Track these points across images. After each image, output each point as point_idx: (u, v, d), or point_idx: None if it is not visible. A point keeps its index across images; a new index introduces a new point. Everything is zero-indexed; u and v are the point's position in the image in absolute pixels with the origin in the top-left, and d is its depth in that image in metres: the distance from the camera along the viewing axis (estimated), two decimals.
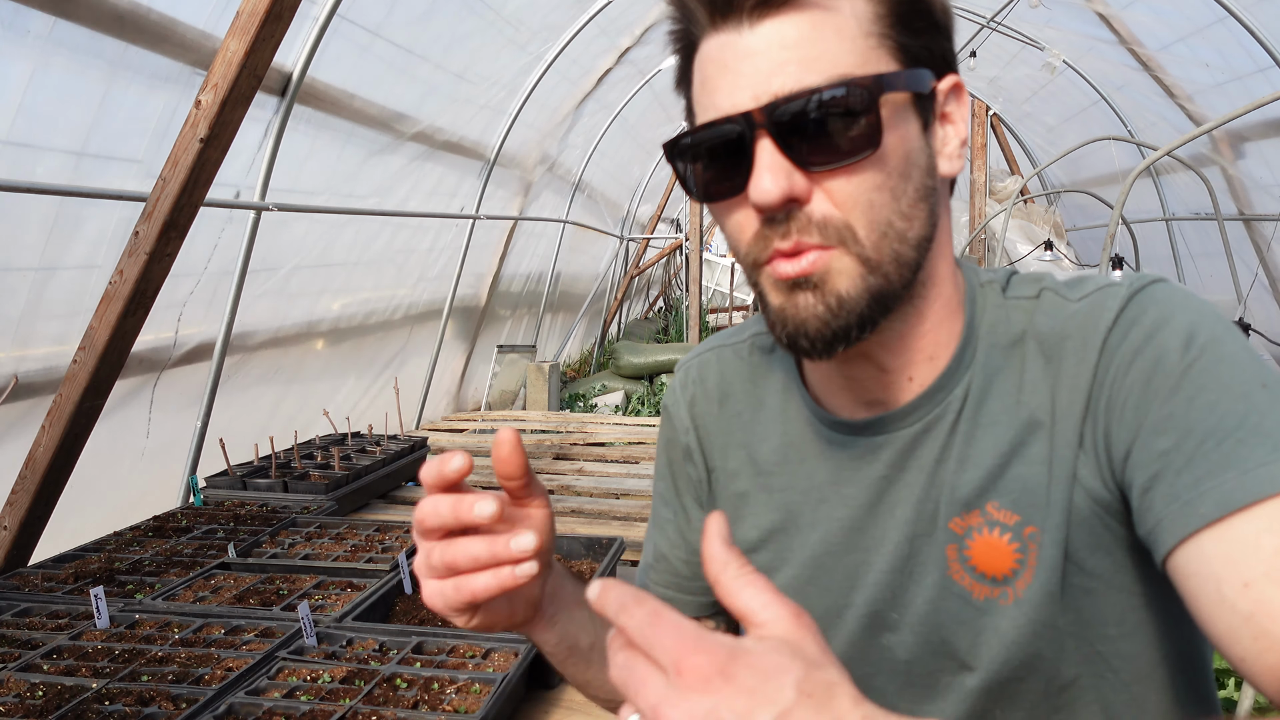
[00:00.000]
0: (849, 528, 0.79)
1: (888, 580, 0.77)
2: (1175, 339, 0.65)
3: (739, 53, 0.65)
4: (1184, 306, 0.67)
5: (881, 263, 0.67)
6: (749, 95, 0.64)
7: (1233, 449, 0.59)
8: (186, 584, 2.17)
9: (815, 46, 0.64)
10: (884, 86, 0.64)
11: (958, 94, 0.71)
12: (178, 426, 3.27)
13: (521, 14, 4.77)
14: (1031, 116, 8.50)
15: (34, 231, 2.53)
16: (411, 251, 4.94)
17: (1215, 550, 0.58)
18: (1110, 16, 5.49)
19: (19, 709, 1.55)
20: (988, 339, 0.74)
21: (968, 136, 0.73)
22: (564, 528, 3.03)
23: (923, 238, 0.69)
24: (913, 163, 0.67)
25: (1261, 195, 5.30)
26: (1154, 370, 0.65)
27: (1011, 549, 0.71)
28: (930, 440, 0.75)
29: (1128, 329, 0.67)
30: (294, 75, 3.29)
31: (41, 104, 2.41)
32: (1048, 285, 0.75)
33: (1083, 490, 0.69)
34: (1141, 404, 0.65)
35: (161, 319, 2.99)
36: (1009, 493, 0.71)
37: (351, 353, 4.57)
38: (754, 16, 0.64)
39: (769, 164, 0.64)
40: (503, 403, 6.51)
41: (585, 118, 6.89)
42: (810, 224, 0.65)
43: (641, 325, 11.18)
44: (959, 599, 0.74)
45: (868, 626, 0.79)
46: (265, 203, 3.30)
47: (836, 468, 0.79)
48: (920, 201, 0.68)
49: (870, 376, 0.75)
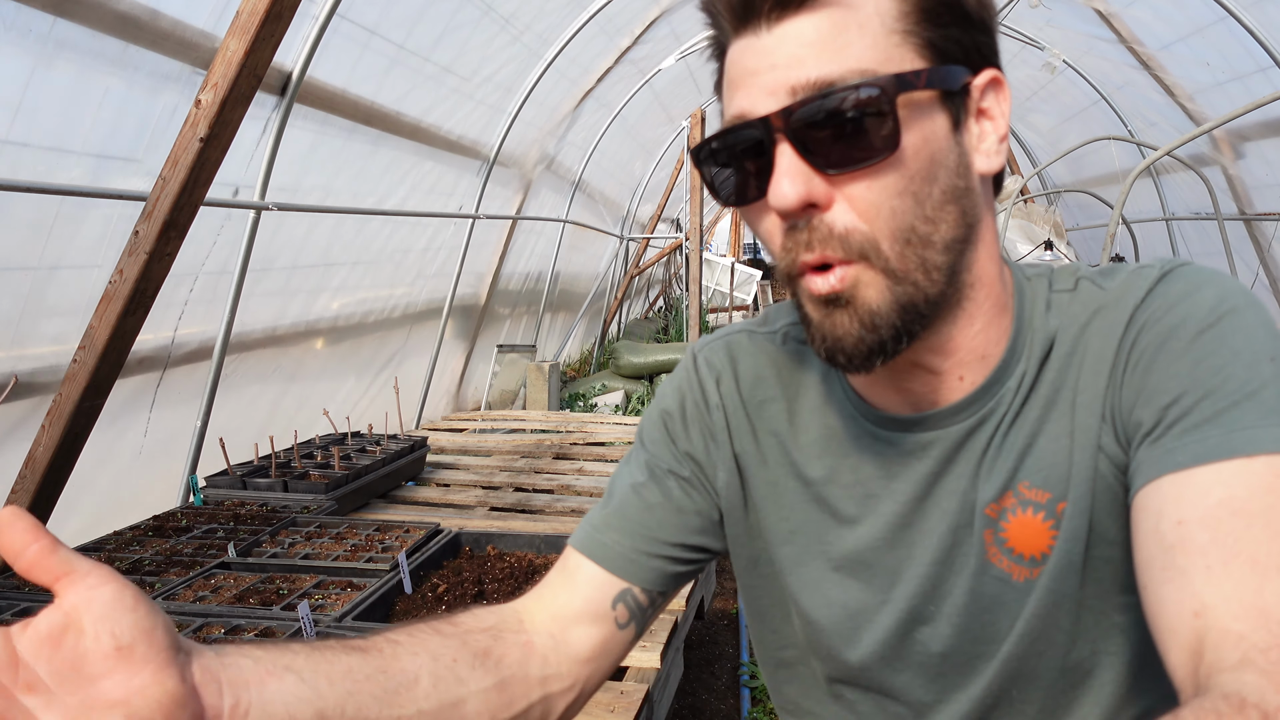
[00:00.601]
0: (896, 524, 0.78)
1: (929, 574, 0.77)
2: (1197, 309, 0.66)
3: (758, 54, 0.65)
4: (1211, 282, 0.68)
5: (908, 272, 0.66)
6: (767, 95, 0.64)
7: (1226, 410, 0.61)
8: (186, 584, 2.17)
9: (835, 45, 0.63)
10: (903, 85, 0.62)
11: (997, 88, 0.69)
12: (177, 426, 3.26)
13: (521, 13, 4.77)
14: (1032, 116, 8.50)
15: (33, 231, 2.53)
16: (411, 250, 4.94)
17: (1169, 490, 0.60)
18: (1110, 15, 5.49)
19: None
20: (1038, 333, 0.75)
21: (1008, 133, 0.71)
22: (564, 527, 3.03)
23: (953, 240, 0.67)
24: (939, 163, 0.66)
25: (1262, 194, 5.30)
26: (1170, 335, 0.66)
27: (1047, 526, 0.72)
28: (981, 435, 0.74)
29: (1154, 303, 0.69)
30: (294, 74, 3.29)
31: (41, 103, 2.41)
32: (1084, 275, 0.75)
33: (1106, 459, 0.70)
34: (1153, 365, 0.66)
35: (161, 319, 2.99)
36: (1038, 471, 0.72)
37: (351, 352, 4.57)
38: (772, 17, 0.64)
39: (787, 168, 0.64)
40: (503, 402, 6.51)
41: (585, 117, 6.89)
42: (833, 236, 0.65)
43: (641, 325, 11.18)
44: (999, 582, 0.74)
45: (904, 622, 0.78)
46: (265, 202, 3.30)
47: (885, 463, 0.78)
48: (948, 203, 0.67)
49: (920, 379, 0.75)
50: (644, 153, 9.47)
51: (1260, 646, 0.51)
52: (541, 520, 3.20)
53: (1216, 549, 0.55)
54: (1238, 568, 0.54)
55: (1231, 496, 0.57)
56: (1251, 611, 0.53)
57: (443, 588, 2.21)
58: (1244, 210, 5.47)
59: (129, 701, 0.49)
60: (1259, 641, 0.51)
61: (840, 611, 0.81)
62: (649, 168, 10.02)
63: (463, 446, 4.58)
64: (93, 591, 0.51)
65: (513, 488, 3.76)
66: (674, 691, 2.37)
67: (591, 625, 0.82)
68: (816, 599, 0.82)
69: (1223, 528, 0.56)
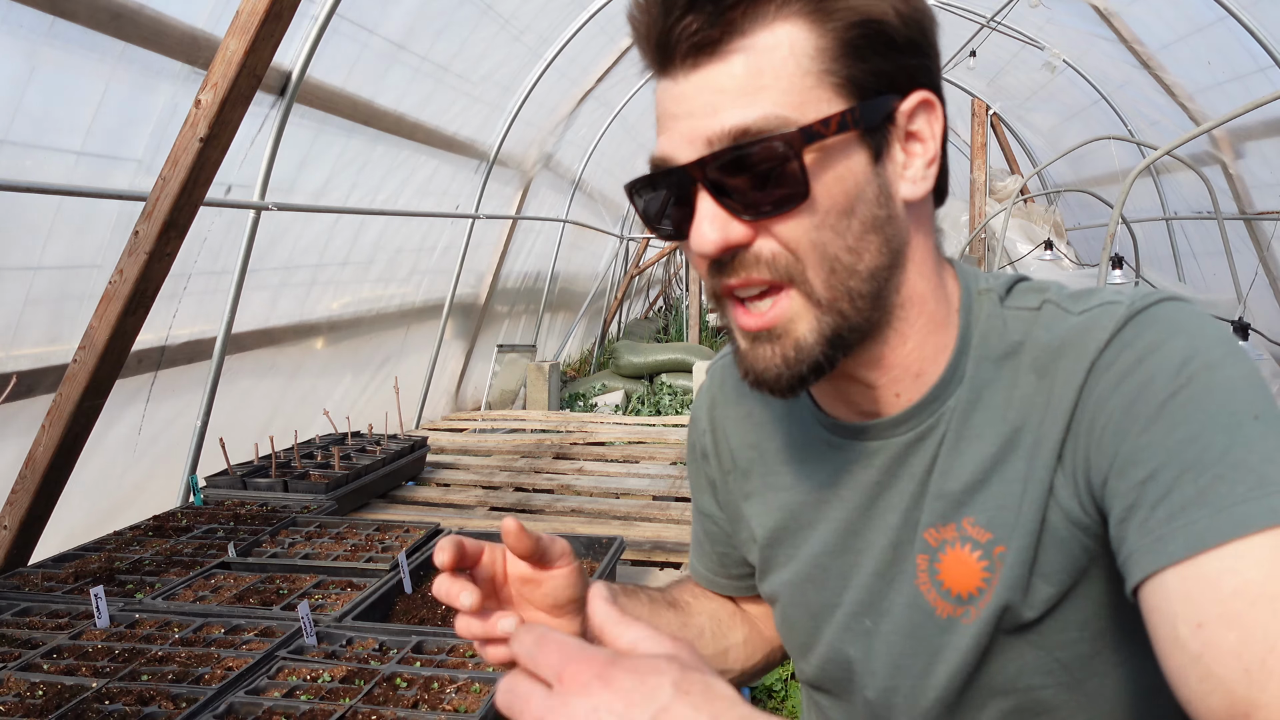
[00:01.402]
0: (844, 530, 0.80)
1: (871, 584, 0.78)
2: (1165, 365, 0.62)
3: (676, 100, 0.66)
4: (1183, 330, 0.64)
5: (835, 300, 0.67)
6: (685, 143, 0.65)
7: (1209, 485, 0.57)
8: (186, 583, 2.16)
9: (749, 91, 0.63)
10: (809, 137, 0.63)
11: (928, 109, 0.69)
12: (178, 426, 3.26)
13: (521, 12, 4.77)
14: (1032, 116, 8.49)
15: (33, 230, 2.53)
16: (411, 250, 4.94)
17: (1177, 587, 0.57)
18: (1110, 15, 5.49)
19: (19, 708, 1.55)
20: (979, 350, 0.73)
21: (938, 153, 0.70)
22: (564, 527, 3.03)
23: (878, 267, 0.68)
24: (857, 198, 0.66)
25: (1262, 194, 5.30)
26: (1137, 396, 0.63)
27: (980, 567, 0.71)
28: (923, 449, 0.74)
29: (1120, 351, 0.65)
30: (293, 74, 3.29)
31: (40, 103, 2.41)
32: (1051, 297, 0.73)
33: (1059, 509, 0.68)
34: (1121, 430, 0.63)
35: (161, 318, 2.99)
36: (985, 509, 0.71)
37: (351, 352, 4.57)
38: (688, 65, 0.64)
39: (707, 214, 0.65)
40: (503, 402, 6.51)
41: (585, 116, 6.89)
42: (759, 261, 0.66)
43: (641, 325, 11.17)
44: (922, 613, 0.74)
45: (847, 628, 0.80)
46: (265, 201, 3.30)
47: (835, 470, 0.80)
48: (869, 233, 0.67)
49: (858, 391, 0.76)
50: (644, 152, 9.38)
51: None
52: (541, 520, 3.20)
53: (1249, 648, 0.53)
54: (1276, 662, 0.52)
55: (1245, 584, 0.54)
56: None
57: None
58: (1244, 210, 5.46)
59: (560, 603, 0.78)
60: None
61: (804, 613, 0.84)
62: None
63: (463, 446, 4.58)
64: (557, 571, 0.76)
65: (513, 487, 3.76)
66: None
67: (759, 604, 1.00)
68: (788, 601, 0.86)
69: (1246, 622, 0.54)
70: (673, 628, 0.89)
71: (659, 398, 7.21)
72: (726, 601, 1.00)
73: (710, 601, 0.98)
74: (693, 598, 0.97)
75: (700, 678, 0.45)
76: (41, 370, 2.66)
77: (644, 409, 7.03)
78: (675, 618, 0.91)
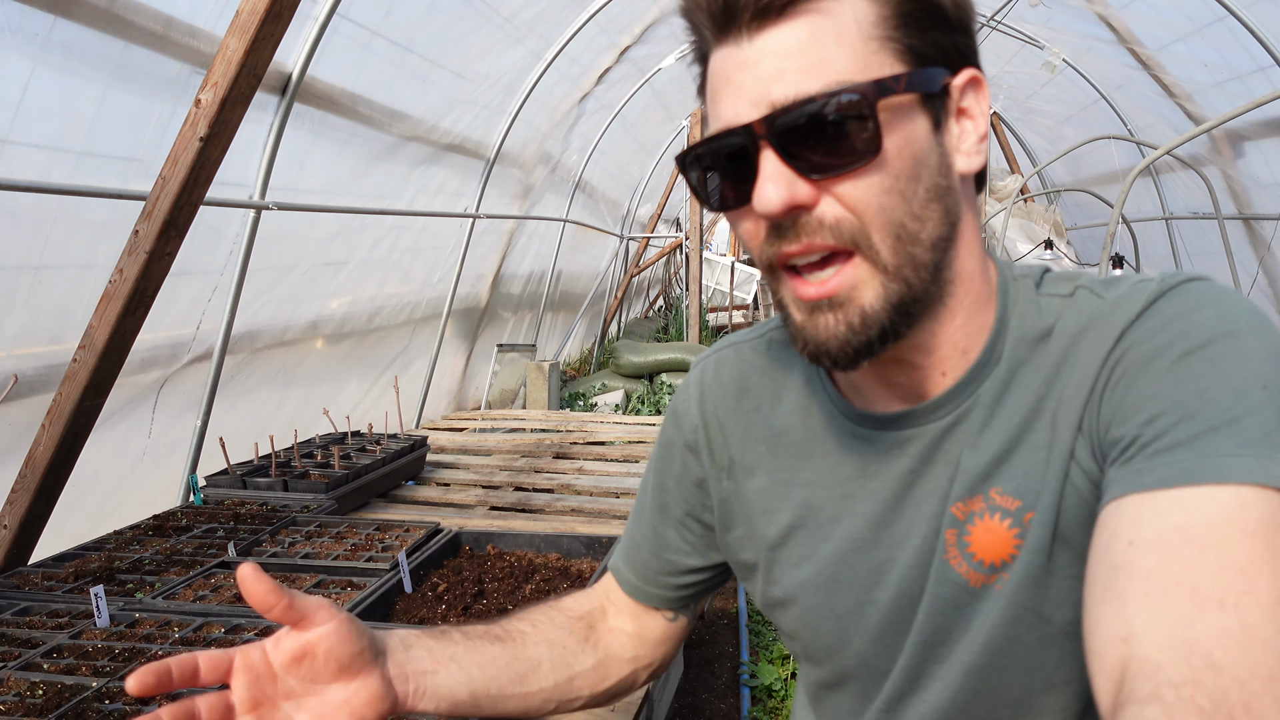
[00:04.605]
0: (873, 523, 0.78)
1: (913, 576, 0.76)
2: (1192, 329, 0.63)
3: (740, 64, 0.65)
4: (1213, 303, 0.64)
5: (900, 267, 0.66)
6: (750, 106, 0.65)
7: (1202, 434, 0.58)
8: (186, 583, 2.17)
9: (814, 53, 0.63)
10: (883, 91, 0.63)
11: (976, 88, 0.70)
12: (178, 425, 3.27)
13: (521, 12, 4.77)
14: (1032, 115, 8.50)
15: (33, 230, 2.53)
16: (411, 250, 4.94)
17: (1129, 510, 0.58)
18: (1110, 16, 5.49)
19: (19, 708, 1.55)
20: (1017, 330, 0.74)
21: (987, 131, 0.72)
22: (564, 526, 3.03)
23: (939, 238, 0.68)
24: (922, 163, 0.66)
25: (1261, 194, 5.30)
26: (1156, 354, 0.64)
27: (1011, 534, 0.70)
28: (959, 433, 0.74)
29: (1149, 321, 0.66)
30: (294, 74, 3.29)
31: (40, 102, 2.41)
32: (1083, 284, 0.74)
33: (1080, 471, 0.68)
34: (1135, 382, 0.64)
35: (161, 318, 2.99)
36: (1013, 478, 0.71)
37: (351, 352, 4.57)
38: (753, 27, 0.64)
39: (771, 173, 0.64)
40: (503, 401, 6.51)
41: (585, 117, 6.89)
42: (822, 226, 0.65)
43: (641, 324, 11.18)
44: (954, 585, 0.73)
45: (894, 623, 0.77)
46: (265, 202, 3.30)
47: (862, 462, 0.78)
48: (933, 201, 0.67)
49: (903, 374, 0.75)
50: (644, 152, 9.47)
51: (1174, 681, 0.49)
52: (541, 519, 3.20)
53: (1160, 576, 0.53)
54: (1176, 597, 0.52)
55: (1189, 524, 0.55)
56: (1178, 644, 0.50)
57: (443, 587, 2.21)
58: (1243, 210, 5.47)
59: (349, 701, 0.75)
60: (1174, 675, 0.50)
61: (829, 614, 0.81)
62: (649, 167, 10.01)
63: (463, 446, 4.58)
64: (322, 629, 0.74)
65: (513, 487, 3.76)
66: (674, 691, 2.37)
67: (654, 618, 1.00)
68: (809, 604, 0.83)
69: (1171, 554, 0.54)
70: (498, 662, 0.88)
71: (659, 397, 7.21)
72: (578, 625, 0.97)
73: (554, 628, 0.95)
74: (530, 625, 0.95)
75: None
76: (42, 370, 2.66)
77: (644, 408, 7.03)
78: (501, 651, 0.89)
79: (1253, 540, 0.53)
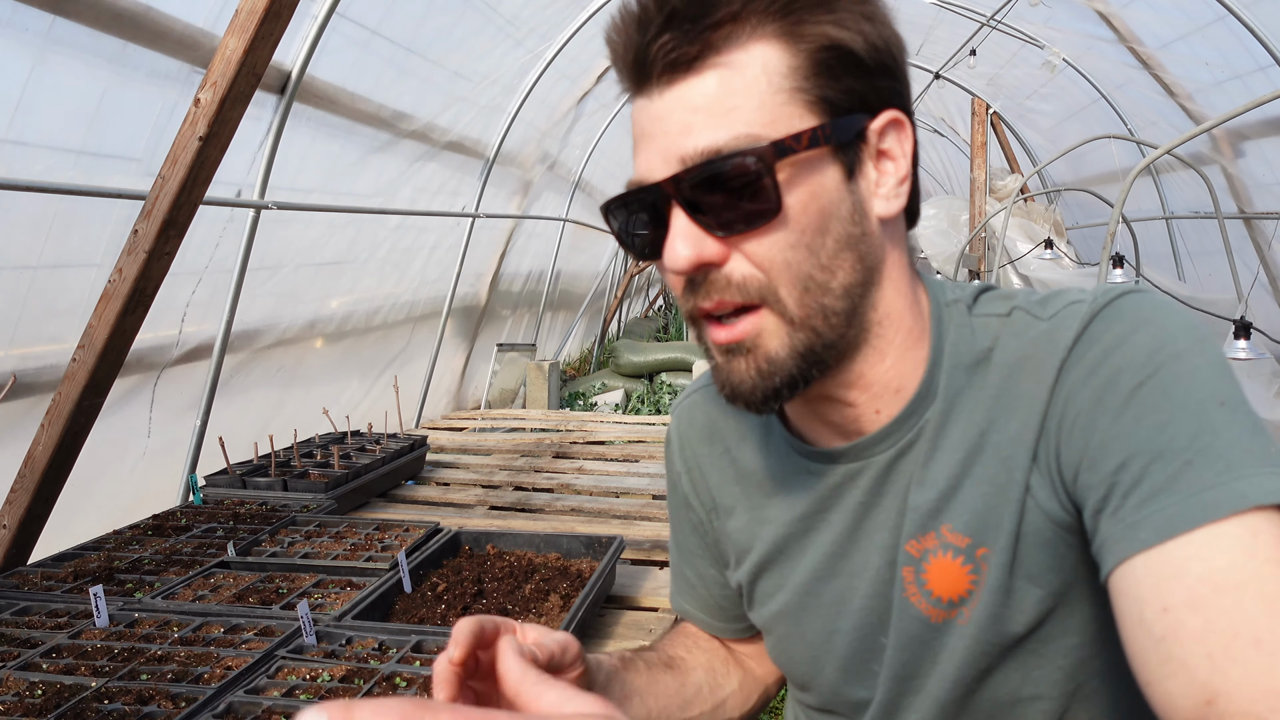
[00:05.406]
0: (832, 554, 0.80)
1: (873, 605, 0.77)
2: (1133, 357, 0.63)
3: (653, 117, 0.66)
4: (1148, 321, 0.64)
5: (807, 318, 0.67)
6: (661, 162, 0.65)
7: (1179, 471, 0.58)
8: (186, 583, 2.16)
9: (722, 109, 0.63)
10: (781, 152, 0.63)
11: (898, 129, 0.69)
12: (177, 425, 3.26)
13: (521, 12, 4.76)
14: (1032, 115, 8.49)
15: (32, 229, 2.53)
16: (411, 250, 4.94)
17: (1145, 573, 0.57)
18: (1110, 15, 5.49)
19: (18, 707, 1.55)
20: (952, 359, 0.74)
21: (910, 171, 0.71)
22: (564, 526, 3.03)
23: (852, 284, 0.68)
24: (830, 215, 0.66)
25: (1262, 194, 5.29)
26: (1105, 389, 0.63)
27: (965, 571, 0.71)
28: (904, 464, 0.75)
29: (1087, 348, 0.66)
30: (293, 73, 3.29)
31: (40, 102, 2.41)
32: (1019, 304, 0.74)
33: (1038, 509, 0.68)
34: (1090, 423, 0.63)
35: (161, 318, 2.98)
36: (961, 514, 0.71)
37: (351, 352, 4.57)
38: (663, 81, 0.65)
39: (680, 231, 0.65)
40: (502, 401, 6.51)
41: (585, 116, 6.88)
42: (730, 284, 0.66)
43: (641, 324, 11.17)
44: (917, 622, 0.74)
45: (860, 652, 0.79)
46: (265, 201, 3.30)
47: (819, 496, 0.80)
48: (844, 251, 0.67)
49: (838, 411, 0.76)
50: None
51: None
52: (541, 519, 3.20)
53: (1214, 633, 0.53)
54: (1240, 649, 0.52)
55: (1211, 571, 0.54)
56: (1268, 694, 0.51)
57: (442, 586, 2.21)
58: (1244, 209, 5.46)
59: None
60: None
61: (800, 643, 0.84)
62: None
63: (462, 445, 4.58)
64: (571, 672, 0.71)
65: (512, 486, 3.76)
66: None
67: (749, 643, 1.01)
68: (782, 633, 0.86)
69: (1213, 608, 0.53)
70: (670, 691, 0.89)
71: (659, 397, 7.21)
72: (719, 648, 1.00)
73: (703, 653, 0.98)
74: (687, 652, 0.97)
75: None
76: (41, 370, 2.66)
77: (644, 408, 7.03)
78: (673, 680, 0.91)
79: (1278, 566, 0.54)
